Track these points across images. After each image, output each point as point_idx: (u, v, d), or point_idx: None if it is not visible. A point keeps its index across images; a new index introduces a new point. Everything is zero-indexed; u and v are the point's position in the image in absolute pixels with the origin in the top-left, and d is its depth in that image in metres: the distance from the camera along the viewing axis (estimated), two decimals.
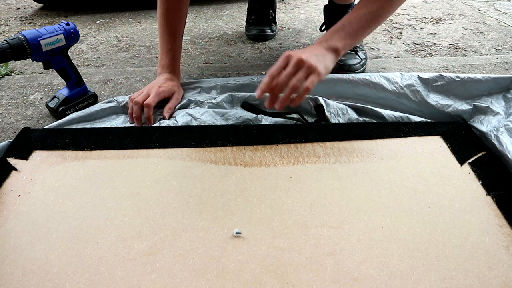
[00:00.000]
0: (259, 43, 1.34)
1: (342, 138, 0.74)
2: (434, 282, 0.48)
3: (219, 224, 0.56)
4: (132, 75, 1.11)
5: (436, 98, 0.84)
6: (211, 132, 0.76)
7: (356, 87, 0.86)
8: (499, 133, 0.70)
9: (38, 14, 1.79)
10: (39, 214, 0.58)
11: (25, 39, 0.77)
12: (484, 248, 0.52)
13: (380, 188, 0.63)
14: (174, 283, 0.48)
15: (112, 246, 0.53)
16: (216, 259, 0.51)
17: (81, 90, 0.92)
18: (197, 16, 1.66)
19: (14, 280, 0.48)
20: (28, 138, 0.75)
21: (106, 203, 0.60)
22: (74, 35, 0.86)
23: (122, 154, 0.71)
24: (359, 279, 0.48)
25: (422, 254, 0.51)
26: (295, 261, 0.51)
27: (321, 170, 0.67)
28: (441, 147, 0.72)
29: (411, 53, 1.21)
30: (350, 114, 0.82)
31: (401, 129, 0.76)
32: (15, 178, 0.65)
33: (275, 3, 1.39)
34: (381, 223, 0.56)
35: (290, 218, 0.57)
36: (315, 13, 1.63)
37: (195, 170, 0.67)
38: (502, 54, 1.18)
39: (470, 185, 0.63)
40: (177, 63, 0.92)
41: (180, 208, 0.59)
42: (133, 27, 1.56)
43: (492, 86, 0.83)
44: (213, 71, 1.12)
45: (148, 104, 0.81)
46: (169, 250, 0.52)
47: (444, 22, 1.48)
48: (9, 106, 0.96)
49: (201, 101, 0.87)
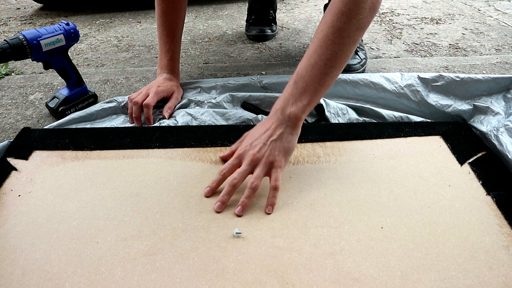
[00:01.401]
0: (259, 43, 1.34)
1: (342, 138, 0.74)
2: (434, 282, 0.48)
3: (219, 224, 0.56)
4: (132, 75, 1.11)
5: (436, 98, 0.84)
6: (211, 132, 0.76)
7: (356, 87, 0.86)
8: (499, 133, 0.70)
9: (38, 14, 1.79)
10: (39, 214, 0.58)
11: (25, 39, 0.77)
12: (484, 248, 0.52)
13: (380, 188, 0.63)
14: (174, 283, 0.48)
15: (112, 246, 0.53)
16: (216, 259, 0.51)
17: (81, 90, 0.91)
18: (197, 16, 1.66)
19: (14, 280, 0.48)
20: (28, 138, 0.75)
21: (106, 203, 0.60)
22: (74, 35, 0.86)
23: (122, 154, 0.71)
24: (359, 279, 0.48)
25: (422, 254, 0.51)
26: (295, 261, 0.51)
27: (321, 170, 0.67)
28: (441, 147, 0.72)
29: (411, 53, 1.21)
30: (350, 114, 0.82)
31: (401, 129, 0.76)
32: (15, 178, 0.65)
33: (275, 3, 1.39)
34: (381, 223, 0.56)
35: (290, 218, 0.57)
36: (315, 13, 1.63)
37: (195, 170, 0.67)
38: (502, 54, 1.18)
39: (470, 185, 0.63)
40: (176, 63, 0.92)
41: (180, 208, 0.59)
42: (133, 27, 1.56)
43: (492, 86, 0.83)
44: (213, 71, 1.12)
45: (147, 104, 0.81)
46: (169, 250, 0.52)
47: (444, 22, 1.48)
48: (9, 106, 0.96)
49: (201, 101, 0.87)
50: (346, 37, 0.60)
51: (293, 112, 0.62)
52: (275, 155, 0.61)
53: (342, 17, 0.59)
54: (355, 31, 0.60)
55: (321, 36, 0.61)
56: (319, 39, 0.61)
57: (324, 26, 0.61)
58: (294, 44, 1.31)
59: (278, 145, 0.62)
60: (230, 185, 0.59)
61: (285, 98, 0.63)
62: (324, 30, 0.61)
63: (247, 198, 0.59)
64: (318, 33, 0.62)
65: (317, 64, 0.61)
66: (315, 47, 0.62)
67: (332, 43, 0.60)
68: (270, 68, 1.13)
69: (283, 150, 0.62)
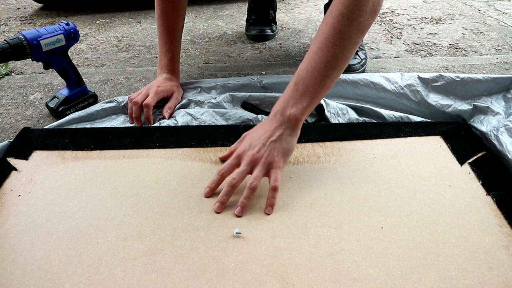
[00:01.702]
0: (259, 43, 1.34)
1: (342, 138, 0.74)
2: (434, 282, 0.48)
3: (219, 224, 0.56)
4: (132, 75, 1.11)
5: (436, 98, 0.84)
6: (211, 132, 0.76)
7: (356, 87, 0.86)
8: (499, 133, 0.70)
9: (38, 14, 1.79)
10: (39, 214, 0.58)
11: (25, 39, 0.77)
12: (484, 248, 0.52)
13: (380, 188, 0.63)
14: (174, 283, 0.48)
15: (112, 246, 0.53)
16: (216, 259, 0.51)
17: (81, 90, 0.91)
18: (197, 16, 1.66)
19: (14, 280, 0.48)
20: (28, 138, 0.75)
21: (106, 203, 0.60)
22: (74, 35, 0.86)
23: (122, 154, 0.71)
24: (359, 279, 0.48)
25: (422, 254, 0.51)
26: (295, 261, 0.51)
27: (321, 170, 0.67)
28: (441, 147, 0.72)
29: (411, 53, 1.21)
30: (350, 114, 0.82)
31: (401, 129, 0.76)
32: (15, 178, 0.65)
33: (275, 3, 1.39)
34: (381, 223, 0.56)
35: (290, 218, 0.57)
36: (315, 13, 1.63)
37: (195, 170, 0.67)
38: (502, 54, 1.18)
39: (470, 185, 0.63)
40: (176, 63, 0.92)
41: (180, 208, 0.59)
42: (133, 27, 1.56)
43: (492, 86, 0.83)
44: (213, 71, 1.12)
45: (147, 104, 0.81)
46: (169, 250, 0.52)
47: (444, 22, 1.48)
48: (9, 106, 0.96)
49: (201, 101, 0.87)
50: (347, 40, 0.60)
51: (293, 113, 0.62)
52: (274, 155, 0.61)
53: (343, 19, 0.59)
54: (356, 33, 0.61)
55: (322, 38, 0.61)
56: (320, 41, 0.61)
57: (325, 28, 0.61)
58: (294, 44, 1.31)
59: (277, 146, 0.62)
60: (229, 185, 0.59)
61: (285, 100, 0.63)
62: (325, 32, 0.61)
63: (246, 198, 0.59)
64: (319, 35, 0.62)
65: (317, 66, 0.61)
66: (315, 49, 0.62)
67: (333, 46, 0.60)
68: (270, 68, 1.13)
69: (282, 151, 0.62)
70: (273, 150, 0.61)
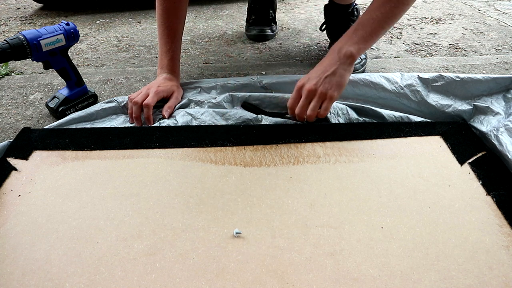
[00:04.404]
0: (259, 43, 1.34)
1: (342, 138, 0.74)
2: (434, 282, 0.48)
3: (219, 224, 0.56)
4: (132, 75, 1.11)
5: (436, 98, 0.84)
6: (211, 132, 0.76)
7: (356, 87, 0.86)
8: (499, 133, 0.70)
9: (38, 14, 1.79)
10: (39, 214, 0.58)
11: (25, 39, 0.77)
12: (484, 248, 0.52)
13: (380, 188, 0.63)
14: (174, 283, 0.48)
15: (112, 246, 0.53)
16: (216, 259, 0.51)
17: (81, 90, 0.92)
18: (197, 16, 1.66)
19: (14, 280, 0.48)
20: (28, 138, 0.75)
21: (106, 203, 0.60)
22: (74, 35, 0.86)
23: (122, 154, 0.71)
24: (359, 279, 0.48)
25: (422, 254, 0.51)
26: (295, 261, 0.51)
27: (321, 170, 0.67)
28: (441, 147, 0.72)
29: (411, 53, 1.21)
30: (350, 114, 0.82)
31: (401, 129, 0.76)
32: (15, 178, 0.65)
33: (275, 3, 1.39)
34: (381, 223, 0.56)
35: (290, 218, 0.57)
36: (315, 13, 1.63)
37: (195, 170, 0.67)
38: (502, 54, 1.18)
39: (470, 185, 0.63)
40: (176, 63, 0.92)
41: (180, 208, 0.59)
42: (133, 27, 1.56)
43: (492, 86, 0.83)
44: (213, 71, 1.12)
45: (147, 104, 0.81)
46: (169, 250, 0.52)
47: (444, 22, 1.48)
48: (9, 106, 0.96)
49: (201, 101, 0.87)
50: (406, 4, 0.73)
51: (349, 50, 0.73)
52: (327, 88, 0.71)
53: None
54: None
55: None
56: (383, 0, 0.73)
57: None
58: (294, 44, 1.31)
59: (331, 79, 0.72)
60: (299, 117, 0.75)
61: (343, 41, 0.75)
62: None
63: (310, 120, 0.73)
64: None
65: (378, 18, 0.73)
66: (378, 5, 0.73)
67: (395, 5, 0.73)
68: (270, 68, 1.13)
69: (335, 84, 0.72)
70: (328, 83, 0.72)
